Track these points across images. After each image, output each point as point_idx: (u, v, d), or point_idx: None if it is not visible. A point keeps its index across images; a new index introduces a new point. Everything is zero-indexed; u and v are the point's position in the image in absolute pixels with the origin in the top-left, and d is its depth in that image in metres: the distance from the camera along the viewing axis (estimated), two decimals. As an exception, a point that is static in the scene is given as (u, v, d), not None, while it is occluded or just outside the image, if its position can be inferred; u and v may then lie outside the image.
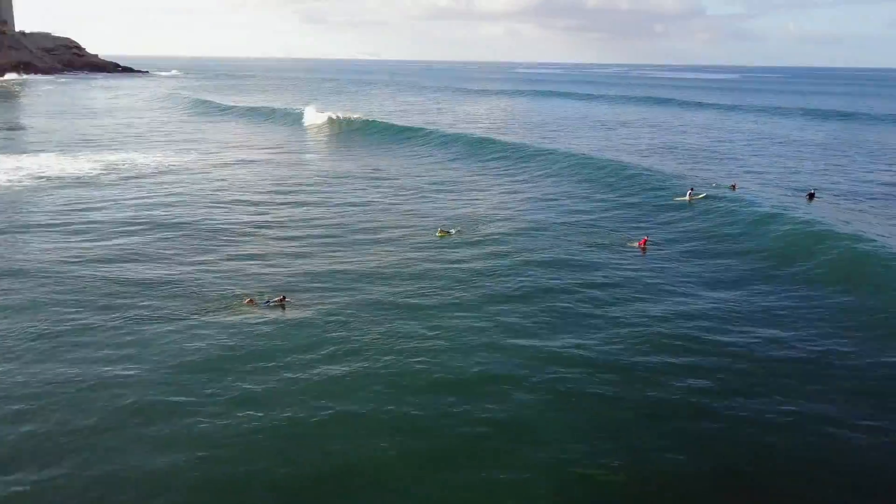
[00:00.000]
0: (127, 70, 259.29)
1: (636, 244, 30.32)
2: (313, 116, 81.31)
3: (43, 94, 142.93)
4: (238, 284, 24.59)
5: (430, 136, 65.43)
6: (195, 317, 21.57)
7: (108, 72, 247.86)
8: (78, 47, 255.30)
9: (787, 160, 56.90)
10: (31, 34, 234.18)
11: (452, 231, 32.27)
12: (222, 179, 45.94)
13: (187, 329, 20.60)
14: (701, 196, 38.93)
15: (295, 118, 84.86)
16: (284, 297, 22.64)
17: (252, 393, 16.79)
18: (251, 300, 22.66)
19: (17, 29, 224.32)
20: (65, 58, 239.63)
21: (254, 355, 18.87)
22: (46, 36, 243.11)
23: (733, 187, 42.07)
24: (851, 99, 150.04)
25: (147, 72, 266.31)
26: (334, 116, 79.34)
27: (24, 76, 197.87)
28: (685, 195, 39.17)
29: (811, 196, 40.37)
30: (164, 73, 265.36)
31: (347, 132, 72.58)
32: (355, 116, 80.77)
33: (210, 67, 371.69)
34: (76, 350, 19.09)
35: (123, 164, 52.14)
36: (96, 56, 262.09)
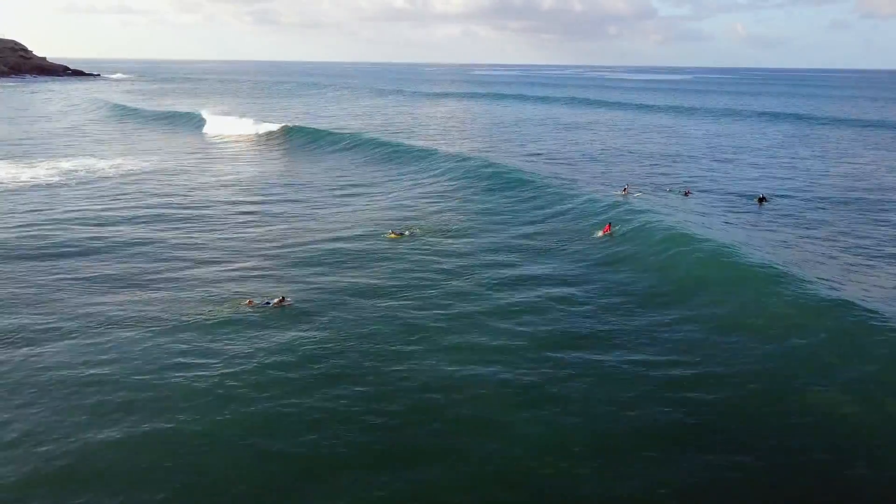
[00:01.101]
0: (77, 73, 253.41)
1: (600, 233, 32.31)
2: (256, 126, 79.70)
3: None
4: (223, 288, 25.11)
5: (377, 145, 64.32)
6: (194, 319, 21.98)
7: (58, 75, 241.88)
8: (24, 50, 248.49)
9: (742, 163, 58.55)
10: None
11: (406, 233, 33.00)
12: (184, 185, 45.56)
13: (185, 332, 20.99)
14: (636, 194, 40.83)
15: (242, 126, 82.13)
16: (284, 299, 23.15)
17: (262, 418, 16.91)
18: (251, 301, 23.15)
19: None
20: (10, 61, 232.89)
21: (248, 358, 19.30)
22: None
23: (687, 193, 43.29)
24: (801, 100, 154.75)
25: (98, 75, 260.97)
26: (277, 126, 77.94)
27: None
28: (622, 190, 41.39)
29: (762, 200, 41.68)
30: (115, 77, 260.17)
31: (292, 140, 71.16)
32: (304, 125, 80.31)
33: (164, 70, 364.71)
34: (60, 354, 19.31)
35: (80, 170, 51.49)
36: (44, 59, 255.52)
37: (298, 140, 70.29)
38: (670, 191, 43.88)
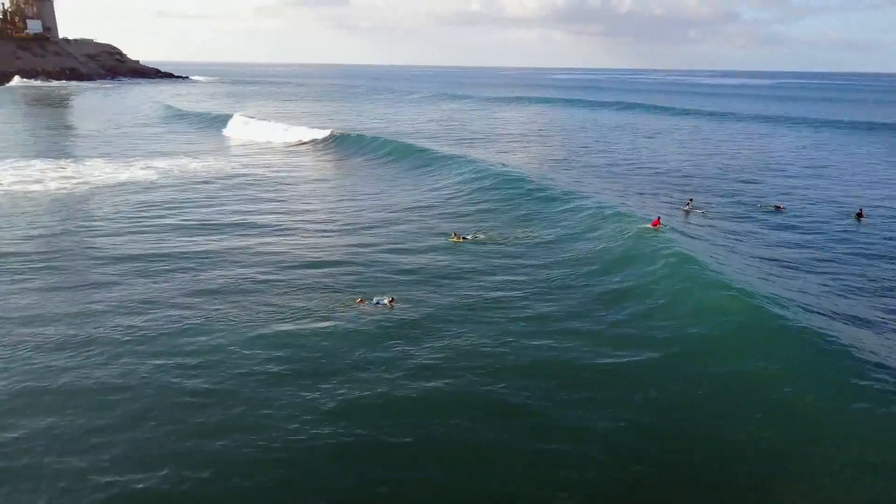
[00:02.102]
0: (167, 75, 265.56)
1: (649, 225, 32.92)
2: (321, 131, 79.83)
3: (87, 99, 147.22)
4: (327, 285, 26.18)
5: (434, 151, 62.54)
6: (306, 316, 22.85)
7: (150, 77, 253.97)
8: (120, 54, 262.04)
9: (836, 176, 55.66)
10: (75, 41, 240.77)
11: (468, 237, 33.49)
12: (255, 190, 46.72)
13: (299, 329, 21.80)
14: (699, 211, 39.76)
15: (307, 132, 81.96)
16: (393, 300, 23.90)
17: (348, 402, 17.43)
18: (361, 300, 24.02)
19: (60, 36, 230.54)
20: (108, 64, 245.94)
21: (358, 360, 19.76)
22: (89, 43, 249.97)
23: (778, 208, 41.42)
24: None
25: (186, 77, 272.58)
26: (340, 131, 77.80)
27: (70, 82, 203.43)
28: (684, 206, 40.76)
29: (859, 215, 39.63)
30: (200, 79, 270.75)
31: (353, 145, 70.87)
32: (369, 129, 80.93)
33: (247, 73, 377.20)
34: (167, 355, 19.87)
35: (174, 170, 53.88)
36: (138, 62, 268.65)
37: (360, 145, 70.32)
38: (760, 206, 42.09)
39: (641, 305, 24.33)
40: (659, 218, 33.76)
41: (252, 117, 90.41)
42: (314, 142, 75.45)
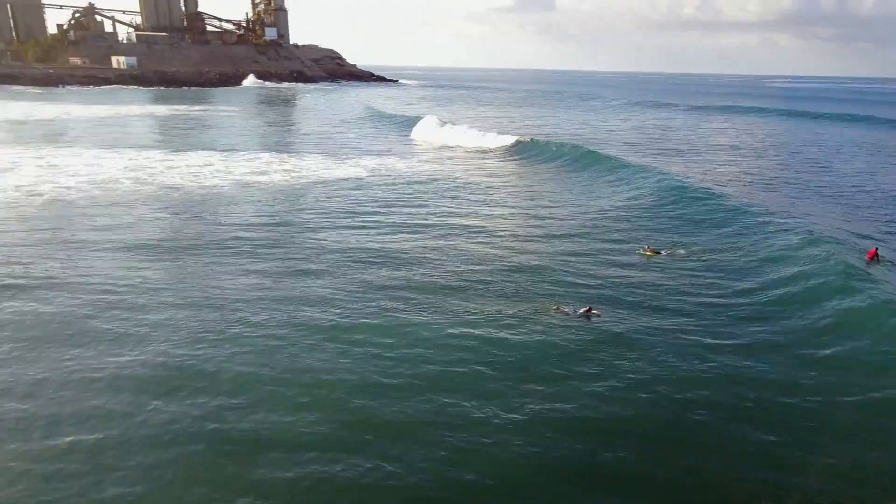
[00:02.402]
0: (380, 79, 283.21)
1: (866, 256, 30.21)
2: (511, 137, 78.01)
3: (309, 99, 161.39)
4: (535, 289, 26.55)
5: (642, 168, 57.04)
6: (503, 319, 23.28)
7: (365, 80, 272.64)
8: (340, 58, 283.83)
9: None
10: (302, 47, 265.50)
11: (663, 252, 32.04)
12: (448, 190, 47.89)
13: (495, 330, 22.23)
14: None
15: (495, 138, 79.85)
16: (591, 309, 23.83)
17: (540, 414, 17.28)
18: (557, 307, 24.22)
19: (291, 42, 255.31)
20: (329, 67, 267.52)
21: (554, 368, 19.65)
22: (314, 48, 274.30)
23: None
24: None
25: (397, 81, 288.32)
26: (528, 138, 76.48)
27: (296, 84, 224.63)
28: None
29: None
30: (411, 83, 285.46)
31: (539, 153, 68.89)
32: (562, 136, 79.34)
33: (453, 78, 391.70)
34: (368, 345, 20.93)
35: (382, 169, 57.09)
36: (355, 66, 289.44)
37: (553, 151, 68.42)
38: None
39: (852, 342, 21.81)
40: (877, 249, 30.53)
41: (446, 122, 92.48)
42: (507, 147, 75.67)
